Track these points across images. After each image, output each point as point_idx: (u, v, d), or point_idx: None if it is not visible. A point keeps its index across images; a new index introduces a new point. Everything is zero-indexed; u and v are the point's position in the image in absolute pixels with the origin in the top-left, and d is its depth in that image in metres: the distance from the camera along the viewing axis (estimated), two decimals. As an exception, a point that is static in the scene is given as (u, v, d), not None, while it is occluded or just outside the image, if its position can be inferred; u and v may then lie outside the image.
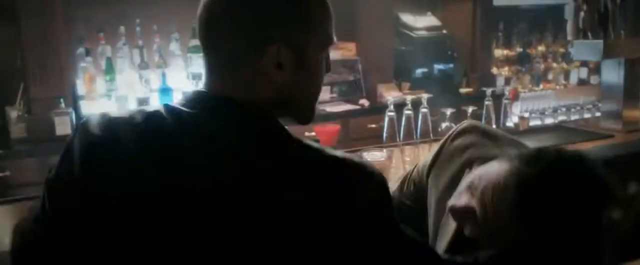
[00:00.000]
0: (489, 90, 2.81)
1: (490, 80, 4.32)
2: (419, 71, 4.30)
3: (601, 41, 2.73)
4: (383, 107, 2.64)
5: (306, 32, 1.02)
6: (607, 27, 2.75)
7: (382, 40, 4.17)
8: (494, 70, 4.55)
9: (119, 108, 3.40)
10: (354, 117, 3.88)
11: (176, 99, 1.09)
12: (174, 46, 3.77)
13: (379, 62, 4.17)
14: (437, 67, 4.34)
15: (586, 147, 2.54)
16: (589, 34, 2.78)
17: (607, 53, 2.73)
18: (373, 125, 3.63)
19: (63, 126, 3.27)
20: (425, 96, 2.65)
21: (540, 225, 1.07)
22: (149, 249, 0.95)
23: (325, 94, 4.04)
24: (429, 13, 4.47)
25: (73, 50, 3.62)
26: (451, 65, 4.37)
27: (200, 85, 1.07)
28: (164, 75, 3.60)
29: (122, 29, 3.66)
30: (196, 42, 3.77)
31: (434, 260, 1.12)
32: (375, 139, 2.69)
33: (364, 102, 4.05)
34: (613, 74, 2.88)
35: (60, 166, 1.04)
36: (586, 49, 2.81)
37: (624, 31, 2.83)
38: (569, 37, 2.92)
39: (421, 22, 4.36)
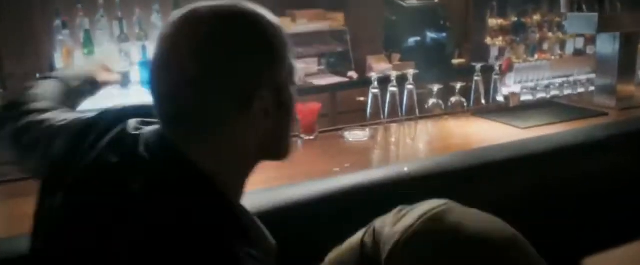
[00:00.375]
0: (478, 66, 2.71)
1: (484, 51, 4.20)
2: (411, 40, 4.17)
3: (596, 14, 2.60)
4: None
5: (279, 69, 0.98)
6: (603, 0, 2.62)
7: (371, 9, 4.06)
8: (488, 40, 4.42)
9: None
10: (342, 90, 3.78)
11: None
12: (155, 18, 3.64)
13: (369, 33, 4.06)
14: (430, 35, 4.21)
15: (579, 125, 2.44)
16: (584, 6, 2.66)
17: (602, 27, 2.61)
18: (361, 99, 3.51)
19: (39, 102, 3.16)
20: (411, 72, 2.55)
21: None
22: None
23: (312, 66, 3.95)
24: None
25: (49, 23, 3.49)
26: (444, 35, 4.24)
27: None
28: (144, 48, 3.48)
29: (100, 0, 3.52)
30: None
31: None
32: (363, 113, 2.60)
33: (353, 74, 3.94)
34: (608, 48, 2.76)
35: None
36: (580, 22, 2.69)
37: (620, 4, 2.70)
38: (563, 10, 2.79)
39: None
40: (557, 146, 2.08)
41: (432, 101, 2.67)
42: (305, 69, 3.84)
